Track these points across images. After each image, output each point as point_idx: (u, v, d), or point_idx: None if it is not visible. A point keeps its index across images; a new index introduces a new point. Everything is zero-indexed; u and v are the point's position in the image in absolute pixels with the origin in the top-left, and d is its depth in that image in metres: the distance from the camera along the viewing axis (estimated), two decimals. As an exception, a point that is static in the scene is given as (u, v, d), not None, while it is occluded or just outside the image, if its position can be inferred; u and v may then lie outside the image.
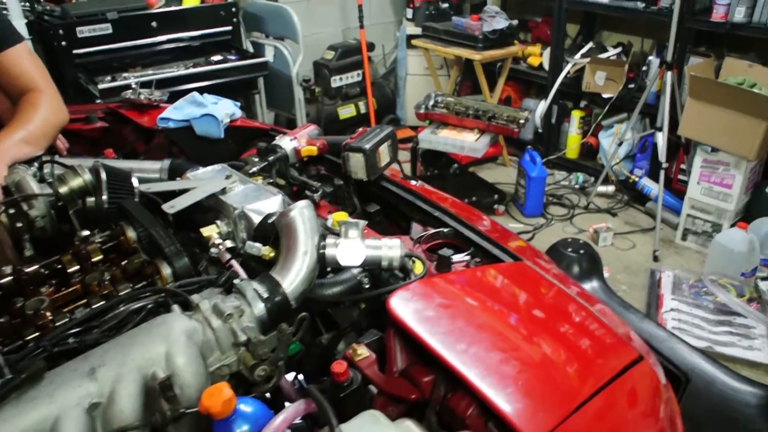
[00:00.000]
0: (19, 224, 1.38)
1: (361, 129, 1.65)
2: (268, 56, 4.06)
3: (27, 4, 3.30)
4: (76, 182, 1.40)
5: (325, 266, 1.18)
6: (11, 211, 1.37)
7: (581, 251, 2.65)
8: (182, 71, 3.39)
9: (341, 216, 1.34)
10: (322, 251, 1.16)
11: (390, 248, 1.17)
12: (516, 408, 0.89)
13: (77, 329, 1.03)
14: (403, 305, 0.99)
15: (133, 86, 1.94)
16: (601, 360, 1.08)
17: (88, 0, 3.48)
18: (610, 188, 4.42)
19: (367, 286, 1.21)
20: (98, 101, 2.98)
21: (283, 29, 4.04)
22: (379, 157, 1.58)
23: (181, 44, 3.55)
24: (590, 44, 4.58)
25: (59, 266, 1.25)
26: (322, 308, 1.24)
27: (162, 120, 1.78)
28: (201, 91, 1.96)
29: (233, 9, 3.68)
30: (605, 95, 4.30)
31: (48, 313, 1.12)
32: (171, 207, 1.31)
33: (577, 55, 4.50)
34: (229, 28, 3.70)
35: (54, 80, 1.84)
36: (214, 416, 0.83)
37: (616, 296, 2.35)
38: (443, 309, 1.01)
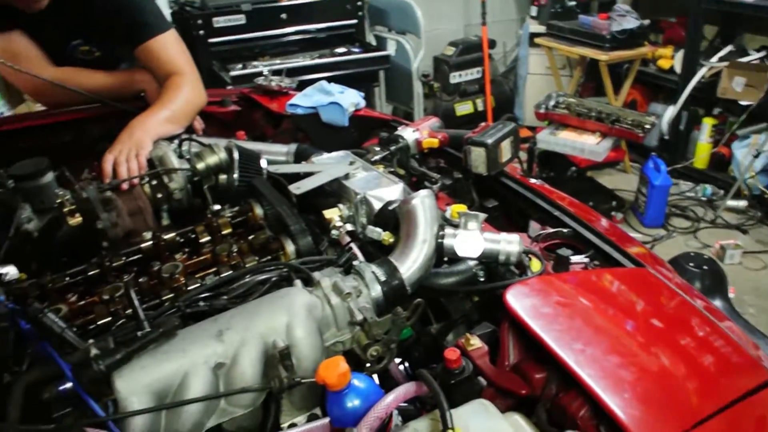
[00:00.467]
0: (160, 195, 1.49)
1: (483, 124, 1.64)
2: (390, 50, 4.12)
3: (172, -6, 3.56)
4: (212, 159, 1.49)
5: (442, 256, 1.19)
6: (154, 182, 1.49)
7: (705, 267, 2.49)
8: (308, 61, 3.51)
9: (460, 208, 1.34)
10: (440, 240, 1.17)
11: (509, 243, 1.16)
12: (631, 414, 0.86)
13: (208, 294, 1.11)
14: (520, 300, 0.98)
15: (265, 73, 2.03)
16: (727, 378, 1.01)
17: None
18: (742, 203, 4.12)
19: (482, 279, 1.21)
20: (229, 87, 3.15)
21: (405, 24, 4.09)
22: (500, 152, 1.57)
23: (308, 36, 3.69)
24: (729, 47, 4.28)
25: (193, 236, 1.34)
26: (435, 297, 1.25)
27: (291, 106, 1.86)
28: (326, 81, 2.03)
29: (359, 3, 3.77)
30: (743, 102, 4.00)
31: (182, 278, 1.21)
32: (297, 188, 1.37)
33: (714, 58, 4.22)
34: (354, 21, 3.79)
35: None
36: (330, 387, 0.86)
37: (741, 318, 2.20)
38: (560, 307, 0.99)
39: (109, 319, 1.12)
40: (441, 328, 1.23)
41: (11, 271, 1.34)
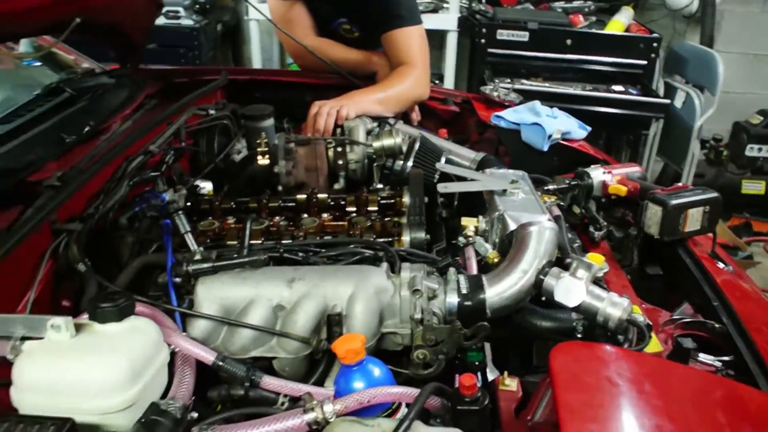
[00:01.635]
0: (340, 162, 1.64)
1: (681, 183, 1.47)
2: (677, 101, 3.79)
3: (466, 1, 3.73)
4: (387, 142, 1.59)
5: (540, 294, 1.12)
6: (338, 149, 1.64)
7: None
8: (578, 91, 3.41)
9: (596, 258, 1.24)
10: (542, 277, 1.11)
11: (612, 305, 1.04)
12: None
13: (312, 249, 1.21)
14: (566, 359, 0.88)
15: (494, 83, 2.07)
16: None
17: (519, 8, 3.76)
18: None
19: (579, 336, 1.11)
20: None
21: (702, 77, 3.71)
22: (684, 219, 1.39)
23: (589, 66, 3.57)
24: None
25: (342, 203, 1.46)
26: (527, 336, 1.18)
27: (496, 117, 1.87)
28: (590, 116, 1.96)
29: (655, 44, 3.52)
30: None
31: (309, 230, 1.33)
32: (444, 187, 1.40)
33: None
34: (644, 62, 3.55)
35: (467, 70, 2.16)
36: (339, 358, 0.90)
37: None
38: (608, 387, 0.86)
39: (236, 242, 1.29)
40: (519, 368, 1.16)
41: (207, 187, 1.60)
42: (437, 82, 3.93)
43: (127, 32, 1.88)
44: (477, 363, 1.14)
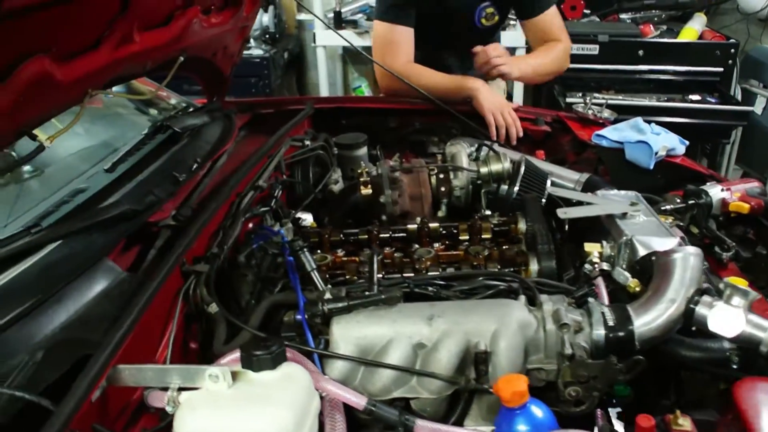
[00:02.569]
0: (443, 188, 1.60)
1: (812, 199, 1.39)
2: (757, 107, 3.64)
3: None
4: (495, 167, 1.55)
5: (690, 324, 1.06)
6: (441, 175, 1.60)
7: None
8: (653, 102, 3.32)
9: (739, 282, 1.17)
10: (693, 306, 1.04)
11: (778, 334, 0.97)
12: None
13: (440, 282, 1.17)
14: (753, 399, 0.82)
15: (586, 101, 2.01)
16: None
17: (587, 22, 3.68)
18: None
19: (734, 367, 1.04)
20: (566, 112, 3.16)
21: (786, 82, 3.56)
22: (823, 237, 1.31)
23: (663, 77, 3.47)
24: None
25: (455, 231, 1.42)
26: (674, 367, 1.12)
27: (597, 136, 1.81)
28: (667, 127, 1.90)
29: (732, 50, 3.40)
30: None
31: (428, 263, 1.30)
32: (564, 213, 1.35)
33: None
34: (721, 69, 3.43)
35: (532, 88, 2.24)
36: (502, 400, 0.85)
37: None
38: None
39: (355, 277, 1.26)
40: (671, 404, 1.09)
41: (308, 219, 1.59)
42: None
43: (218, 66, 1.90)
44: (624, 397, 1.08)
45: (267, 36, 3.60)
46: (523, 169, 1.55)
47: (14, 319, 0.91)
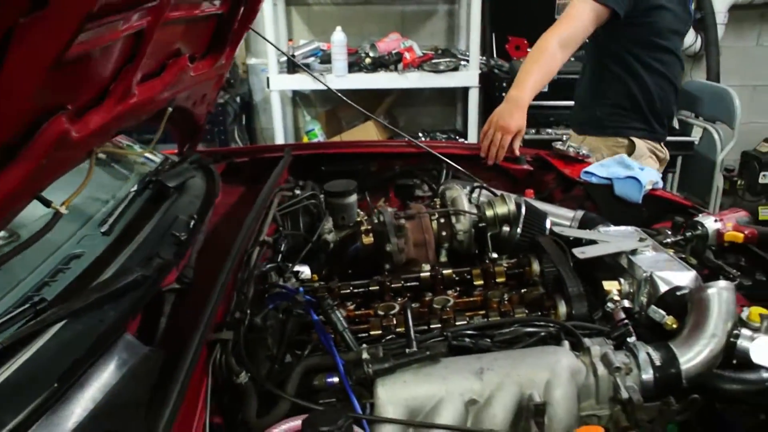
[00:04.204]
0: (445, 233, 1.58)
1: (804, 226, 1.44)
2: (694, 137, 3.84)
3: (484, 58, 3.78)
4: (501, 210, 1.54)
5: (731, 358, 1.06)
6: (442, 220, 1.58)
7: None
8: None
9: (762, 311, 1.19)
10: (733, 340, 1.05)
11: (821, 363, 0.99)
12: None
13: (474, 332, 1.13)
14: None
15: (564, 139, 2.05)
16: None
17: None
18: None
19: (775, 397, 1.05)
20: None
21: (719, 112, 3.78)
22: (821, 262, 1.36)
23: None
24: None
25: (468, 277, 1.39)
26: (713, 400, 1.11)
27: (586, 173, 1.84)
28: None
29: (671, 84, 3.60)
30: None
31: (451, 312, 1.26)
32: (582, 252, 1.34)
33: None
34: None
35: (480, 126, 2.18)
36: (584, 458, 0.82)
37: None
38: None
39: (380, 332, 1.21)
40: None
41: (306, 271, 1.52)
42: (456, 137, 3.94)
43: (194, 114, 1.83)
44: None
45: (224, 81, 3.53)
46: (524, 209, 1.55)
47: (33, 416, 0.80)
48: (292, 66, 3.48)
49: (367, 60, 3.52)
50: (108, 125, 1.09)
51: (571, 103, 3.55)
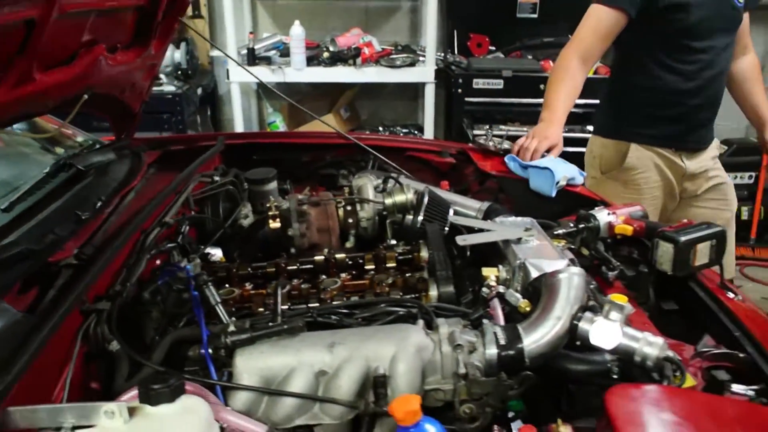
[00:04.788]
0: (350, 220, 1.65)
1: (686, 220, 1.52)
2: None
3: (441, 54, 3.86)
4: (399, 198, 1.61)
5: (574, 339, 1.14)
6: (348, 208, 1.65)
7: None
8: (555, 134, 3.54)
9: (620, 298, 1.27)
10: (576, 322, 1.12)
11: (649, 344, 1.06)
12: None
13: (344, 311, 1.21)
14: (623, 404, 0.90)
15: (487, 134, 2.12)
16: None
17: (492, 58, 3.89)
18: None
19: (615, 377, 1.13)
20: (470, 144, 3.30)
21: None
22: (694, 254, 1.43)
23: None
24: None
25: (360, 261, 1.47)
26: (564, 381, 1.19)
27: (509, 158, 1.92)
28: (569, 156, 2.02)
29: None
30: None
31: (333, 293, 1.33)
32: (463, 240, 1.42)
33: None
34: (616, 102, 3.69)
35: (443, 120, 2.20)
36: (397, 420, 0.89)
37: None
38: (671, 427, 0.88)
39: (262, 309, 1.28)
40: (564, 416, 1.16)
41: (218, 254, 1.60)
42: (416, 132, 4.02)
43: (127, 103, 1.90)
44: (517, 412, 1.15)
45: (179, 72, 3.59)
46: (426, 199, 1.62)
47: None
48: (252, 58, 3.55)
49: (326, 54, 3.59)
50: (2, 109, 1.16)
51: (528, 99, 3.66)
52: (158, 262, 1.42)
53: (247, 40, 3.60)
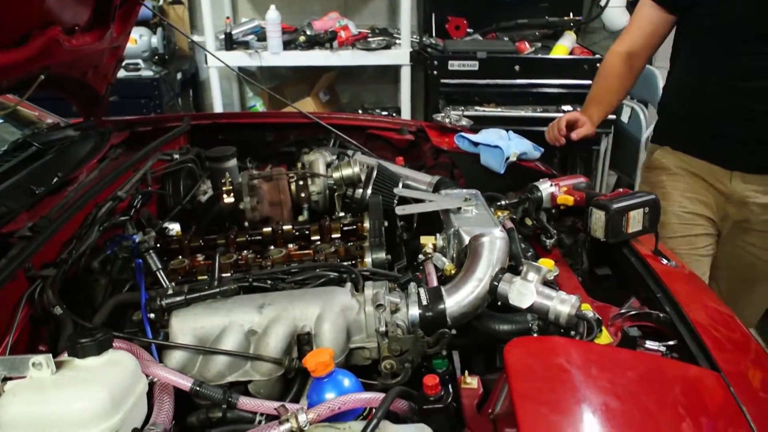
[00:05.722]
0: (303, 194, 1.71)
1: (622, 189, 1.58)
2: (624, 117, 3.96)
3: (417, 36, 3.89)
4: (346, 172, 1.67)
5: (496, 300, 1.20)
6: (300, 182, 1.71)
7: None
8: (530, 113, 3.58)
9: (546, 263, 1.33)
10: (496, 283, 1.18)
11: (561, 302, 1.13)
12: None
13: (280, 277, 1.27)
14: (519, 353, 0.96)
15: (445, 111, 2.17)
16: None
17: (468, 40, 3.92)
18: None
19: (535, 335, 1.19)
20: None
21: (646, 92, 3.90)
22: (627, 221, 1.49)
23: (538, 90, 3.73)
24: None
25: (306, 232, 1.53)
26: (488, 341, 1.25)
27: (459, 137, 1.97)
28: (541, 135, 2.08)
29: (598, 65, 3.70)
30: None
31: (276, 260, 1.39)
32: (402, 210, 1.48)
33: None
34: (589, 82, 3.72)
35: (421, 103, 2.15)
36: (310, 371, 0.96)
37: None
38: (559, 374, 0.93)
39: (206, 277, 1.35)
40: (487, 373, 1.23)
41: (176, 228, 1.66)
42: (394, 114, 4.06)
43: (91, 85, 1.95)
44: (442, 370, 1.21)
45: (157, 57, 3.63)
46: (375, 173, 1.68)
47: None
48: (229, 43, 3.59)
49: (302, 38, 3.62)
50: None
51: (504, 81, 3.70)
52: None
53: (224, 25, 3.64)
